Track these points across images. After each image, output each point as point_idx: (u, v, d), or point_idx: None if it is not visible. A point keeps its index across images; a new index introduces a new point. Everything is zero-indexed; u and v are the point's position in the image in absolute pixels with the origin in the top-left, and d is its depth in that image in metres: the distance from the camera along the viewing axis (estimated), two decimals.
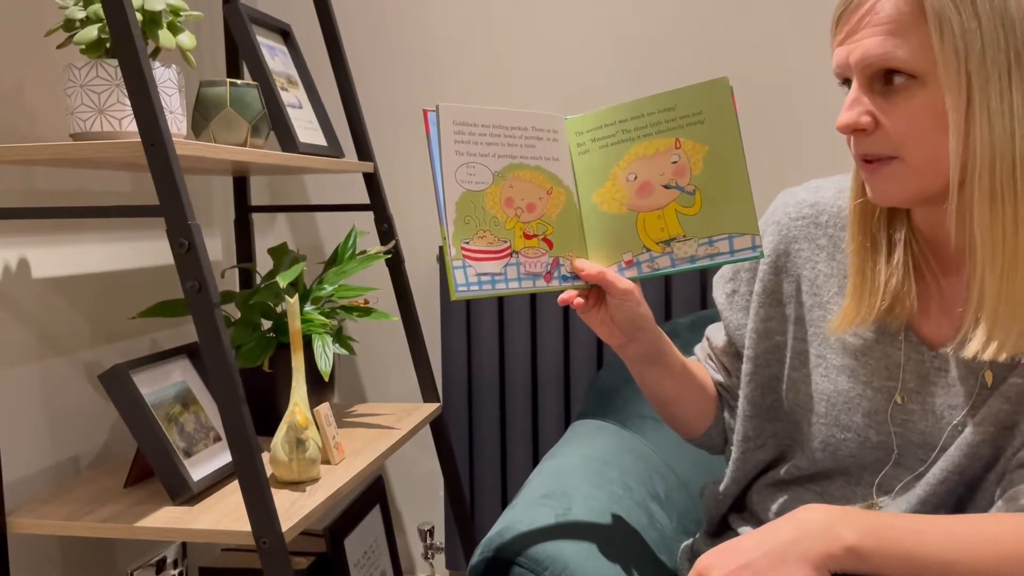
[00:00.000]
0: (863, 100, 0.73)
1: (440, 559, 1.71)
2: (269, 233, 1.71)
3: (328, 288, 1.30)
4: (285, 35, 1.44)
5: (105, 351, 1.29)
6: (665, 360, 0.91)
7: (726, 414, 0.98)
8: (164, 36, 1.02)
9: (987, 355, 0.71)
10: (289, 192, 1.71)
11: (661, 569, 0.95)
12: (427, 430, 1.65)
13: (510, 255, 0.80)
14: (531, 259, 0.81)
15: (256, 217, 1.65)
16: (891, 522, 0.67)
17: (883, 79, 0.72)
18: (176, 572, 1.43)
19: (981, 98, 0.68)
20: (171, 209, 0.89)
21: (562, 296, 0.83)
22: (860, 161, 0.76)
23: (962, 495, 0.77)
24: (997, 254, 0.70)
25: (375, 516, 1.44)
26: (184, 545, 1.44)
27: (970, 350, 0.72)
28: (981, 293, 0.72)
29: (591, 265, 0.83)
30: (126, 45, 0.88)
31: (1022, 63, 0.68)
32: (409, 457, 1.72)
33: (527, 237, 0.81)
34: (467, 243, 0.77)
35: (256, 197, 1.67)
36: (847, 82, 0.75)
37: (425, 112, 0.77)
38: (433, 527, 1.67)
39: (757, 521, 0.92)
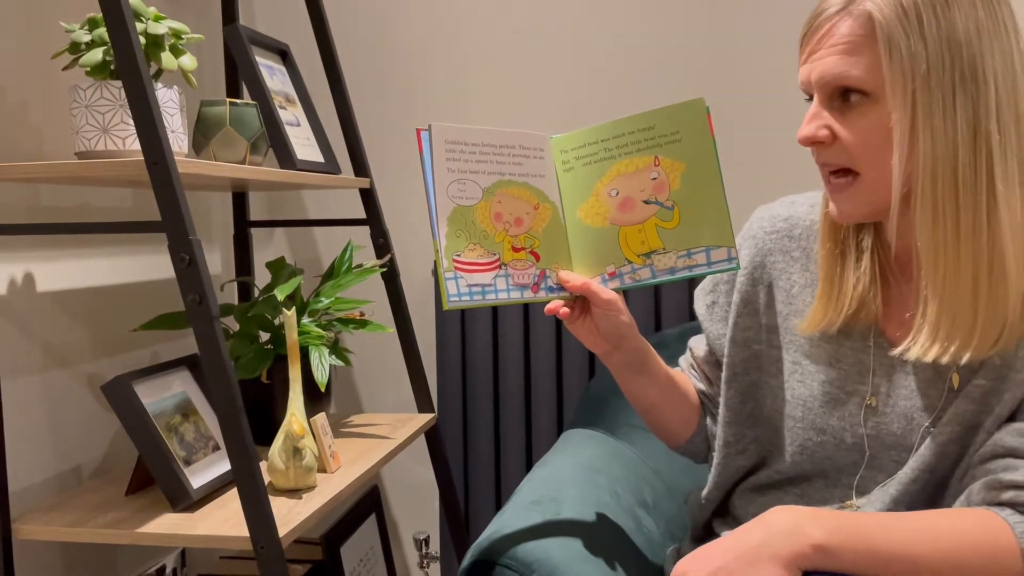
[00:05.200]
0: (822, 115, 0.78)
1: (435, 568, 1.73)
2: (267, 247, 1.75)
3: (325, 301, 1.33)
4: (283, 55, 1.49)
5: (106, 363, 1.32)
6: (649, 368, 0.95)
7: (708, 421, 1.01)
8: (166, 58, 1.06)
9: (929, 357, 0.75)
10: (287, 207, 1.75)
11: (648, 572, 0.97)
12: (422, 440, 1.68)
13: (499, 267, 0.83)
14: (519, 271, 0.85)
15: (255, 232, 1.68)
16: (858, 520, 0.70)
17: (840, 96, 0.77)
18: None
19: (925, 116, 0.72)
20: (173, 225, 0.93)
21: (548, 306, 0.87)
22: (823, 173, 0.80)
23: (932, 493, 0.81)
24: (939, 263, 0.74)
25: (371, 525, 1.47)
26: (183, 553, 1.47)
27: (913, 353, 0.76)
28: (925, 299, 0.76)
29: (576, 277, 0.87)
30: (130, 67, 0.92)
31: (967, 85, 0.72)
32: (405, 467, 1.74)
33: (515, 250, 0.85)
34: (458, 255, 0.81)
35: (255, 212, 1.70)
36: (811, 98, 0.79)
37: (418, 131, 0.81)
38: (428, 536, 1.70)
39: (739, 525, 0.95)
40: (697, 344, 1.04)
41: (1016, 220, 0.73)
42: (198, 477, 1.09)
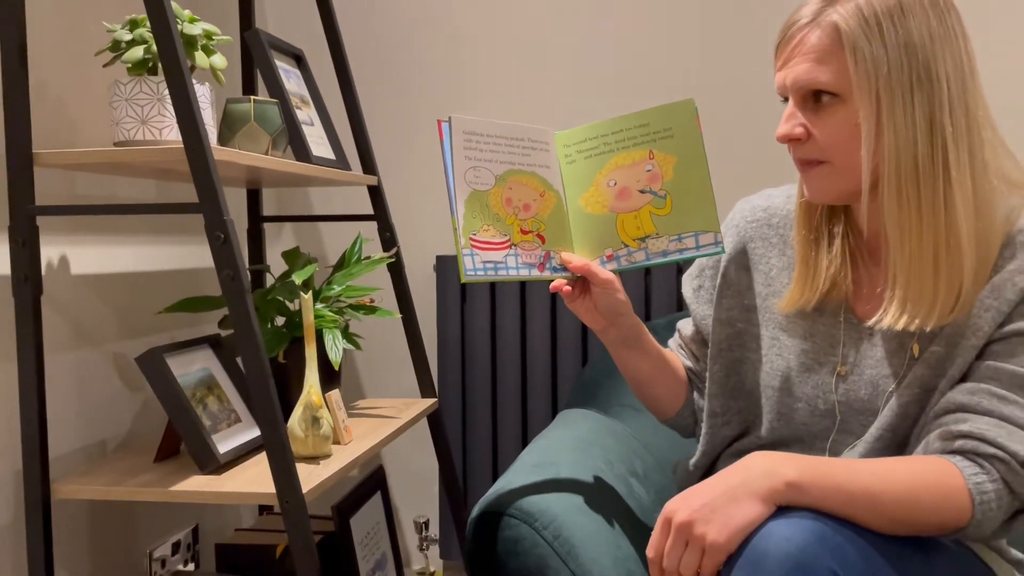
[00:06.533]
0: (797, 115, 0.88)
1: (434, 550, 1.81)
2: (276, 242, 1.84)
3: (337, 288, 1.42)
4: (298, 59, 1.58)
5: (129, 344, 1.40)
6: (642, 344, 1.04)
7: (696, 395, 1.11)
8: (200, 57, 1.15)
9: (900, 326, 0.85)
10: (294, 204, 1.84)
11: (640, 528, 1.07)
12: (421, 429, 1.77)
13: (510, 247, 0.93)
14: (527, 251, 0.94)
15: (266, 226, 1.77)
16: (825, 462, 0.80)
17: (813, 97, 0.87)
18: (190, 554, 1.53)
19: (888, 112, 0.82)
20: (209, 206, 1.01)
21: (553, 284, 0.96)
22: (797, 164, 0.91)
23: (895, 451, 0.90)
24: (905, 243, 0.84)
25: (376, 501, 1.55)
26: (196, 530, 1.54)
27: (886, 322, 0.86)
28: (894, 276, 0.86)
29: (577, 258, 0.96)
30: (172, 64, 1.01)
31: (922, 82, 0.82)
32: (405, 454, 1.83)
33: (523, 232, 0.94)
34: (474, 235, 0.90)
35: (265, 208, 1.79)
36: (787, 99, 0.89)
37: (439, 122, 0.90)
38: (428, 520, 1.78)
39: None
40: (684, 325, 1.14)
41: (968, 202, 0.83)
42: (222, 444, 1.17)
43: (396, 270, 1.58)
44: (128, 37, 1.13)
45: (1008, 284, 0.85)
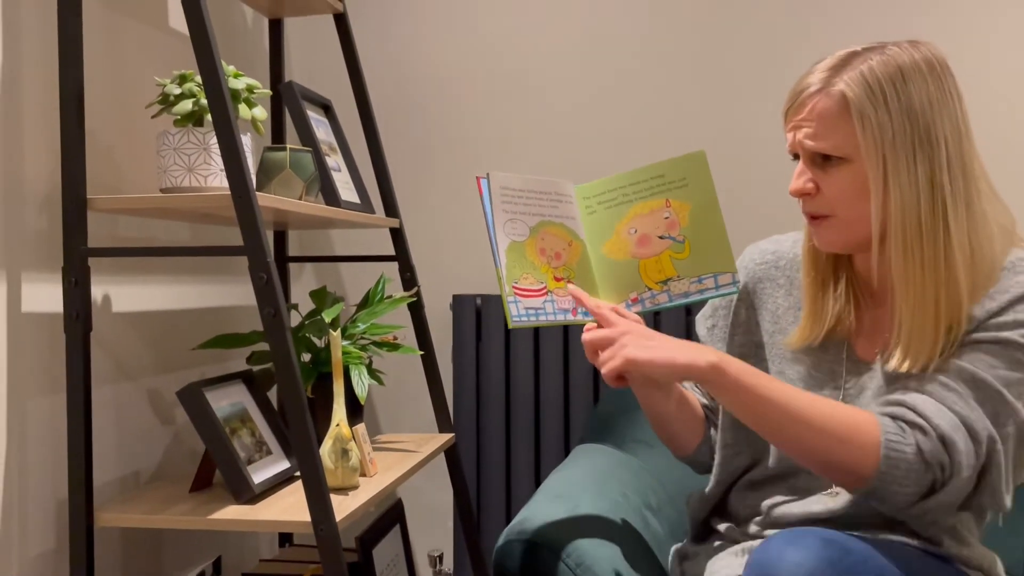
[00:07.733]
0: (807, 172, 0.95)
1: None
2: (298, 281, 1.91)
3: (362, 326, 1.49)
4: (326, 109, 1.67)
5: (163, 379, 1.46)
6: (666, 383, 1.10)
7: (712, 431, 1.17)
8: (243, 109, 1.23)
9: (903, 368, 0.92)
10: (316, 245, 1.91)
11: (655, 561, 1.11)
12: (437, 463, 1.82)
13: (546, 294, 0.99)
14: (561, 298, 1.01)
15: (290, 266, 1.84)
16: (761, 373, 0.90)
17: (822, 158, 0.94)
18: None
19: (893, 173, 0.90)
20: (253, 249, 1.08)
21: (585, 328, 1.02)
22: (806, 217, 0.98)
23: None
24: (909, 293, 0.91)
25: (395, 534, 1.59)
26: (218, 562, 1.58)
27: (891, 366, 0.93)
28: (899, 322, 0.93)
29: (601, 303, 1.03)
30: (222, 117, 1.09)
31: (923, 145, 0.90)
32: (420, 489, 1.87)
33: (557, 280, 1.01)
34: (516, 283, 0.97)
35: (289, 249, 1.87)
36: (797, 156, 0.97)
37: (478, 179, 0.97)
38: (442, 553, 1.82)
39: (735, 519, 1.10)
40: None
41: (966, 255, 0.90)
42: (255, 475, 1.22)
43: (416, 309, 1.65)
44: (177, 91, 1.21)
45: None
